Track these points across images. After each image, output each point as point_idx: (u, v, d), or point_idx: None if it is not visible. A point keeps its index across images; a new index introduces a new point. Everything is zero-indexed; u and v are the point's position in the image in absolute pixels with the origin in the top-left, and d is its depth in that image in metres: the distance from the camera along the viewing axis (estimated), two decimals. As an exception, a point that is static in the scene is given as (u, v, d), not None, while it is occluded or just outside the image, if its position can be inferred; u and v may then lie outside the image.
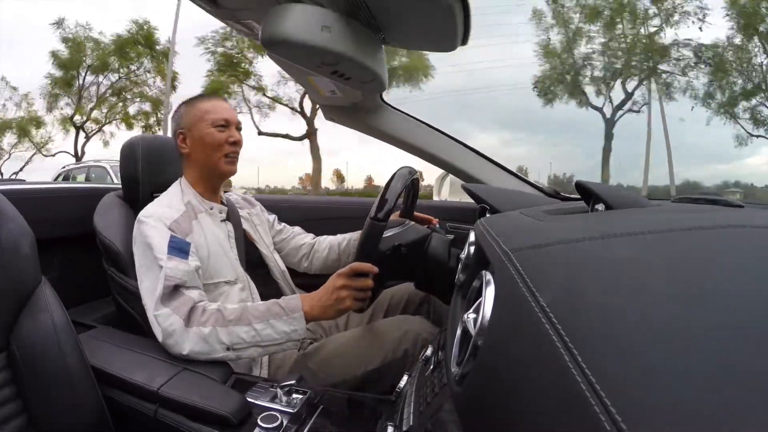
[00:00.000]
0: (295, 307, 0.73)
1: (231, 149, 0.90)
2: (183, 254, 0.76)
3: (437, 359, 0.51)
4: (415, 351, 0.77)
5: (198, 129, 0.89)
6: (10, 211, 0.61)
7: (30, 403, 0.56)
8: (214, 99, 0.93)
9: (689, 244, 0.28)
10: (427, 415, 0.42)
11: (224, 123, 0.89)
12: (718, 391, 0.15)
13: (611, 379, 0.17)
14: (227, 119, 0.90)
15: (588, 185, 0.56)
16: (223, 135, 0.89)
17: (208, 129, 0.88)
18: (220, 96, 0.99)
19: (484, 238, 0.41)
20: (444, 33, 0.72)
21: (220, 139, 0.89)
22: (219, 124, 0.89)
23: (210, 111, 0.90)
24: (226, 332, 0.69)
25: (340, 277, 0.75)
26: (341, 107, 1.18)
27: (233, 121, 0.91)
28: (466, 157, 1.23)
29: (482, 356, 0.28)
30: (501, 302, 0.29)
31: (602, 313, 0.21)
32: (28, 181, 1.19)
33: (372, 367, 0.78)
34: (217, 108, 0.91)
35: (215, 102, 0.92)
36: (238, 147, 0.91)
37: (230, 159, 0.91)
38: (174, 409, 0.60)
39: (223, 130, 0.89)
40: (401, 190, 0.77)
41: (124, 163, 0.99)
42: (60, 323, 0.59)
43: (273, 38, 0.64)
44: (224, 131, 0.89)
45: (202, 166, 0.91)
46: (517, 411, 0.21)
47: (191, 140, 0.90)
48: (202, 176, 0.91)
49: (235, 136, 0.91)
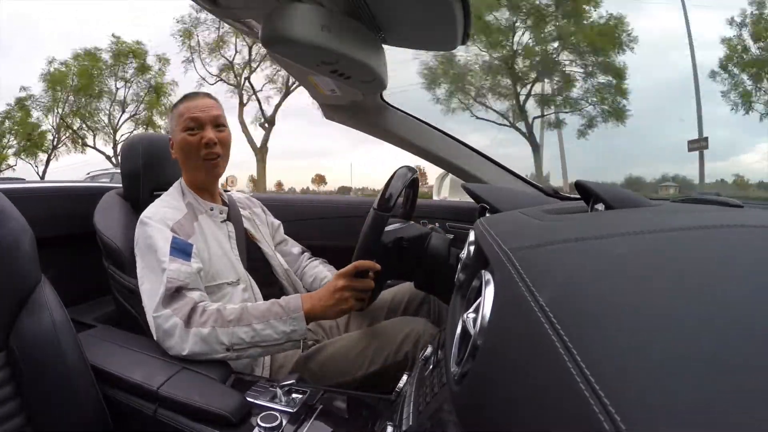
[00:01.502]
0: (295, 307, 0.72)
1: (206, 151, 0.84)
2: (185, 256, 0.76)
3: (437, 359, 0.51)
4: (416, 353, 0.77)
5: (175, 135, 0.86)
6: (10, 209, 0.61)
7: (29, 402, 0.56)
8: (190, 99, 0.87)
9: (689, 243, 0.28)
10: (426, 414, 0.42)
11: (194, 125, 0.84)
12: (718, 391, 0.15)
13: (610, 378, 0.17)
14: (198, 119, 0.84)
15: (588, 185, 0.56)
16: (195, 138, 0.84)
17: (181, 134, 0.84)
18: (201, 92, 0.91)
19: (484, 238, 0.41)
20: (444, 33, 0.72)
21: (193, 143, 0.84)
22: (189, 127, 0.84)
23: (182, 113, 0.85)
24: (226, 333, 0.69)
25: (342, 277, 0.74)
26: (341, 106, 1.18)
27: (206, 120, 0.84)
28: (465, 156, 1.23)
29: (481, 356, 0.28)
30: (500, 302, 0.29)
31: (601, 312, 0.21)
32: (28, 180, 1.19)
33: (372, 370, 0.78)
34: (190, 109, 0.85)
35: (189, 102, 0.86)
36: (214, 147, 0.85)
37: (209, 162, 0.85)
38: (174, 409, 0.60)
39: (195, 133, 0.84)
40: (401, 189, 0.77)
41: (124, 162, 1.00)
42: (60, 322, 0.59)
43: (273, 37, 0.64)
44: (196, 133, 0.84)
45: (189, 172, 0.89)
46: (516, 410, 0.21)
47: (175, 146, 0.87)
48: (194, 180, 0.90)
49: (208, 136, 0.84)
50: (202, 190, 0.91)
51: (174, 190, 0.90)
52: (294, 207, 1.41)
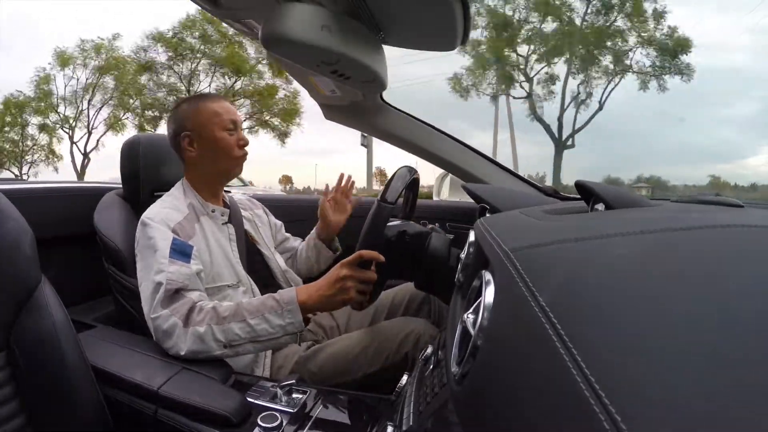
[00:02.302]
0: (289, 299, 0.71)
1: (242, 153, 0.90)
2: (185, 257, 0.76)
3: (437, 359, 0.51)
4: (416, 354, 0.76)
5: (208, 132, 0.87)
6: (10, 210, 0.61)
7: (29, 402, 0.56)
8: (218, 99, 0.90)
9: (689, 243, 0.28)
10: (426, 414, 0.42)
11: (233, 126, 0.88)
12: (718, 391, 0.15)
13: (610, 378, 0.17)
14: (235, 121, 0.89)
15: (588, 185, 0.56)
16: (234, 138, 0.88)
17: (221, 133, 0.87)
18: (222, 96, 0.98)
19: (484, 238, 0.41)
20: (444, 33, 0.72)
21: (231, 142, 0.87)
22: (229, 127, 0.88)
23: (219, 113, 0.87)
24: (221, 330, 0.69)
25: (345, 266, 0.71)
26: (341, 107, 1.18)
27: (240, 123, 0.91)
28: (465, 156, 1.23)
29: (482, 356, 0.28)
30: (500, 302, 0.29)
31: (601, 312, 0.21)
32: (29, 181, 1.19)
33: (372, 370, 0.78)
34: (226, 109, 0.89)
35: (222, 103, 0.89)
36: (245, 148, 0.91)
37: (238, 161, 0.90)
38: (174, 409, 0.60)
39: (233, 133, 0.88)
40: (402, 189, 0.77)
41: (124, 162, 0.99)
42: (60, 322, 0.59)
43: (273, 37, 0.64)
44: (234, 134, 0.88)
45: (211, 170, 0.89)
46: (516, 410, 0.21)
47: (201, 144, 0.87)
48: (208, 180, 0.90)
49: (245, 138, 0.90)
50: (210, 190, 0.91)
51: (176, 191, 0.89)
52: (295, 207, 1.41)
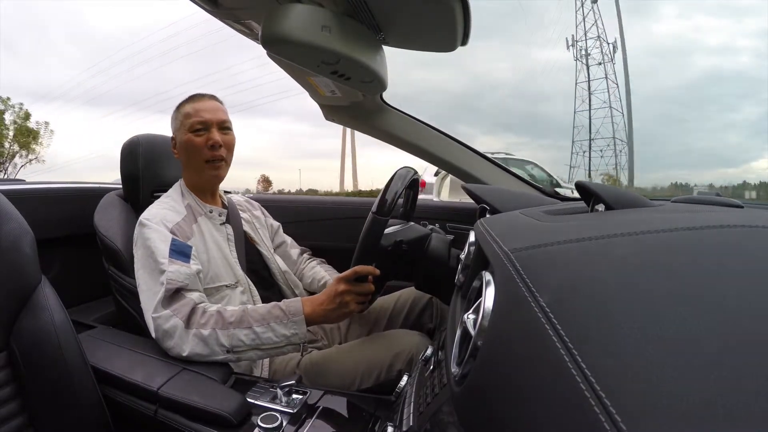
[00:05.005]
0: (296, 310, 0.72)
1: (211, 154, 0.84)
2: (184, 257, 0.76)
3: (437, 359, 0.51)
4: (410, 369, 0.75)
5: (180, 135, 0.86)
6: (10, 210, 0.61)
7: (30, 402, 0.56)
8: (197, 100, 0.87)
9: (689, 244, 0.28)
10: (426, 415, 0.42)
11: (202, 126, 0.84)
12: (718, 391, 0.15)
13: (611, 379, 0.17)
14: (205, 121, 0.84)
15: (588, 185, 0.56)
16: (201, 140, 0.84)
17: (187, 135, 0.84)
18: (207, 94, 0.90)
19: (484, 239, 0.41)
20: (444, 33, 0.72)
21: (199, 144, 0.84)
22: (196, 128, 0.84)
23: (190, 114, 0.85)
24: (226, 335, 0.69)
25: (343, 282, 0.74)
26: (341, 107, 1.18)
27: (213, 122, 0.85)
28: (465, 157, 1.23)
29: (482, 357, 0.28)
30: (501, 302, 0.29)
31: (602, 313, 0.21)
32: (29, 182, 1.19)
33: (365, 387, 0.77)
34: (197, 110, 0.85)
35: (197, 103, 0.86)
36: (218, 150, 0.85)
37: (212, 165, 0.86)
38: (174, 409, 0.60)
39: (201, 134, 0.84)
40: (401, 190, 0.77)
41: (124, 163, 0.99)
42: (60, 323, 0.59)
43: (273, 38, 0.64)
44: (203, 135, 0.84)
45: (191, 173, 0.89)
46: (516, 411, 0.21)
47: (178, 146, 0.87)
48: (196, 183, 0.90)
49: (213, 138, 0.84)
50: (202, 191, 0.90)
51: (174, 192, 0.90)
52: (294, 208, 1.41)
